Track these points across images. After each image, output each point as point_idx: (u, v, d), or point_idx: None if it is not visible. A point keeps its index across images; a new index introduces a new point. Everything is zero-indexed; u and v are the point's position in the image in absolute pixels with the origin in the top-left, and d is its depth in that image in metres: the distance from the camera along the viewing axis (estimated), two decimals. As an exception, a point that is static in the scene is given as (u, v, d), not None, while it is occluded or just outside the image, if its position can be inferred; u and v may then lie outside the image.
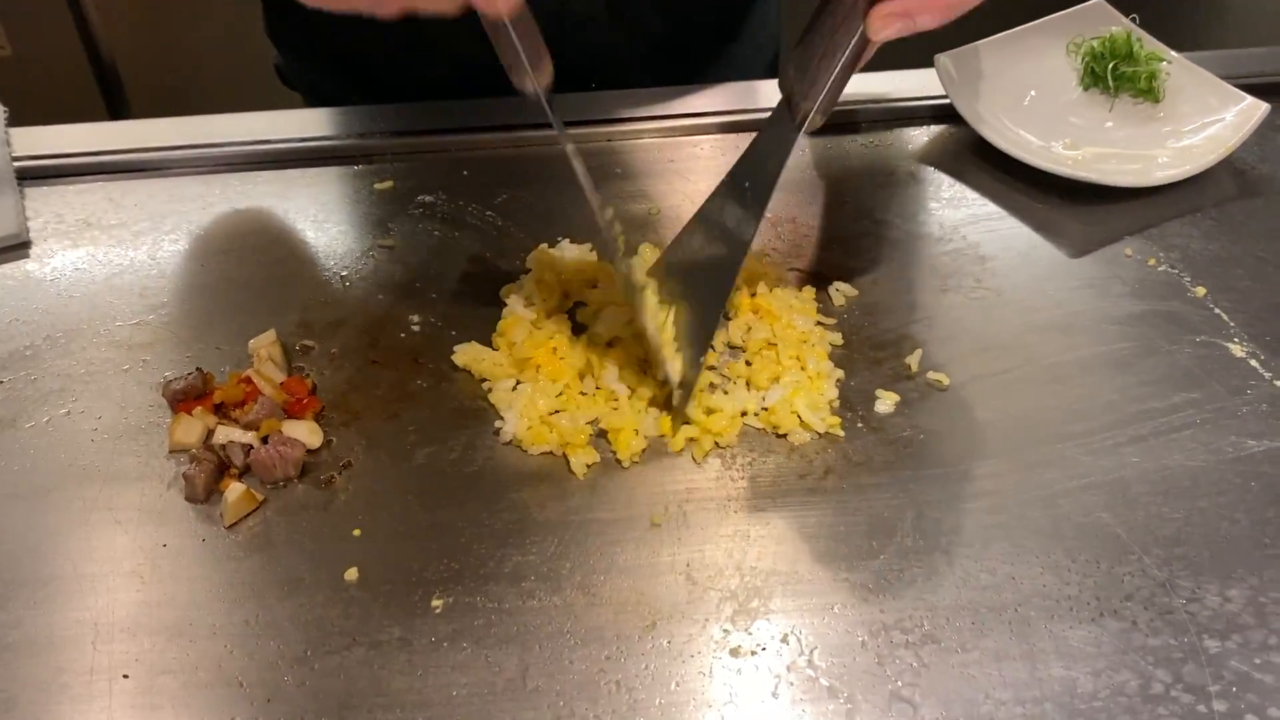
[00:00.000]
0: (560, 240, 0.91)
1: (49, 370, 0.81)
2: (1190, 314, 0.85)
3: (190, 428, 0.76)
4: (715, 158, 1.01)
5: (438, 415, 0.78)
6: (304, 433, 0.76)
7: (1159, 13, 1.11)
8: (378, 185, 0.98)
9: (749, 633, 0.65)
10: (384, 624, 0.66)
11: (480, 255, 0.91)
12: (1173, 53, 1.03)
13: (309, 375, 0.81)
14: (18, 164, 0.98)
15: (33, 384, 0.81)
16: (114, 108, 2.07)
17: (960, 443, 0.76)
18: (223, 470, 0.74)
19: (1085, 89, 1.04)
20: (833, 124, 1.03)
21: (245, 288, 0.88)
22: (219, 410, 0.78)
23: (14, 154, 0.99)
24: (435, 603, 0.67)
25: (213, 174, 0.99)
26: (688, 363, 0.77)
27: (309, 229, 0.94)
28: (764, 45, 1.24)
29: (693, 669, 0.64)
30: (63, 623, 0.66)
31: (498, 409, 0.78)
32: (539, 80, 0.73)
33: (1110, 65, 1.03)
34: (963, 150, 1.01)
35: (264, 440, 0.75)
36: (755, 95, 1.07)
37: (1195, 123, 0.99)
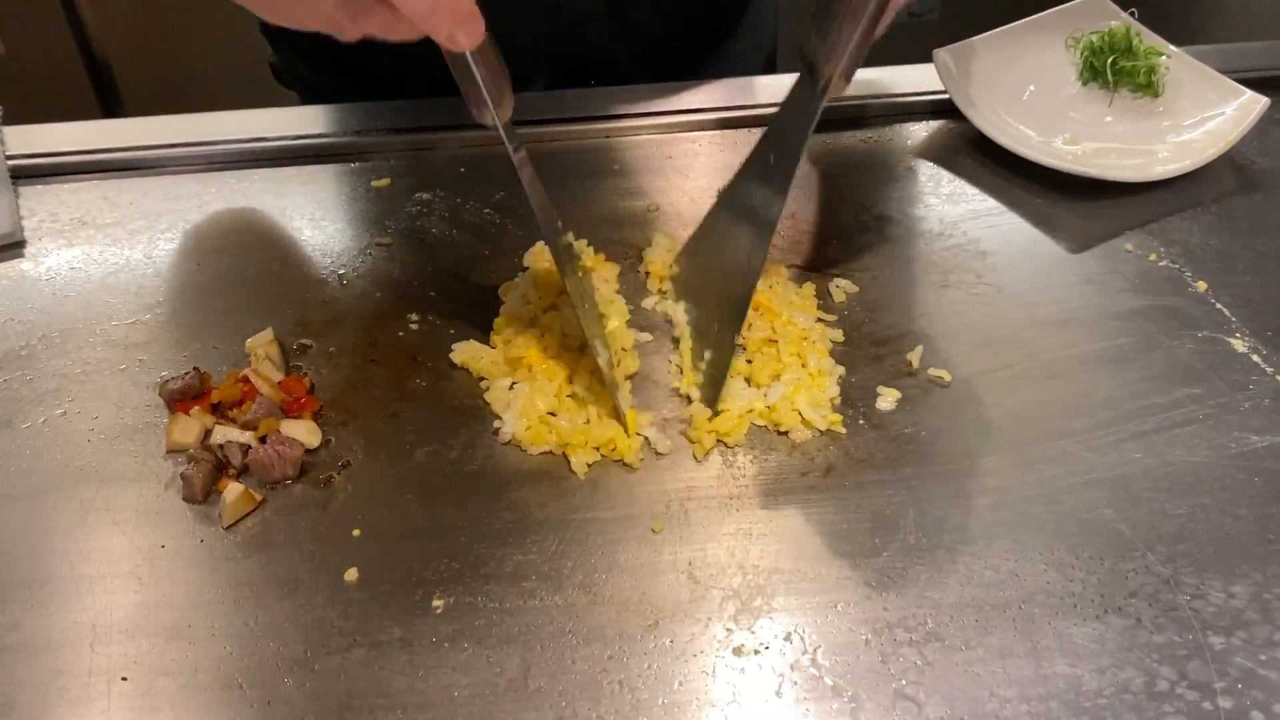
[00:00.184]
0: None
1: (45, 370, 0.81)
2: (1191, 309, 0.84)
3: (188, 428, 0.75)
4: (714, 154, 1.01)
5: (437, 414, 0.78)
6: (302, 432, 0.75)
7: (1157, 7, 1.11)
8: (375, 183, 0.98)
9: (752, 631, 0.65)
10: (384, 624, 0.65)
11: (478, 253, 0.91)
12: (1172, 47, 1.03)
13: (307, 374, 0.80)
14: (12, 162, 0.98)
15: (28, 384, 0.80)
16: (108, 107, 2.06)
17: (962, 439, 0.75)
18: (221, 470, 0.74)
19: (1084, 84, 1.04)
20: (832, 119, 1.04)
21: (242, 286, 0.88)
22: (216, 410, 0.77)
23: (8, 152, 0.98)
24: (436, 603, 0.66)
25: (208, 172, 0.99)
26: (721, 352, 0.77)
27: (306, 227, 0.93)
28: (762, 42, 1.24)
29: (696, 668, 0.63)
30: (60, 624, 0.66)
31: (495, 409, 0.78)
32: (500, 114, 0.73)
33: (1109, 60, 1.02)
34: (962, 145, 1.01)
35: (262, 440, 0.74)
36: (754, 91, 1.06)
37: (1195, 117, 0.99)
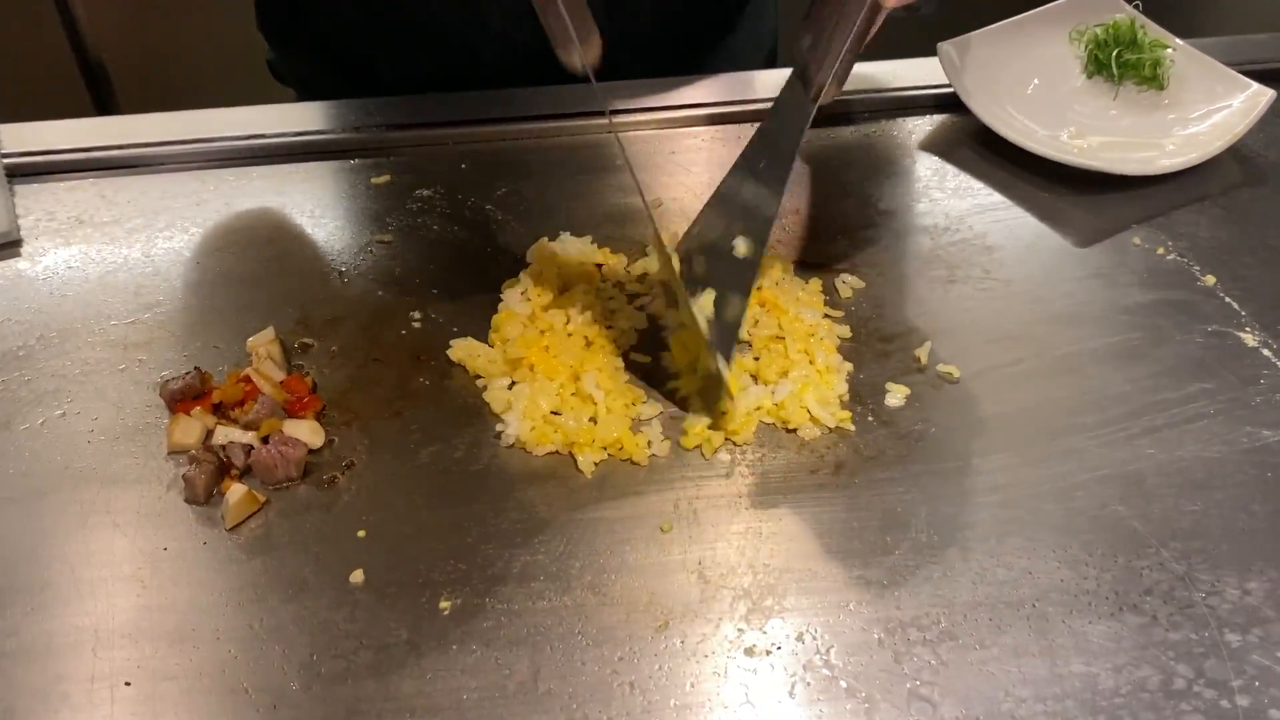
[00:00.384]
0: (561, 234, 0.89)
1: (43, 371, 0.80)
2: (1201, 303, 0.84)
3: (189, 428, 0.74)
4: (717, 149, 1.00)
5: (441, 413, 0.77)
6: (305, 432, 0.74)
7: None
8: (375, 180, 0.97)
9: (763, 632, 0.64)
10: (391, 627, 0.65)
11: (480, 250, 0.90)
12: (1177, 40, 1.02)
13: (309, 374, 0.79)
14: (7, 161, 0.96)
15: (26, 385, 0.79)
16: (101, 105, 2.05)
17: (972, 436, 0.75)
18: (223, 471, 0.73)
19: (1089, 77, 1.03)
20: (835, 114, 1.03)
21: (242, 285, 0.87)
22: (218, 410, 0.76)
23: (3, 150, 0.97)
24: (443, 604, 0.66)
25: (206, 169, 0.98)
26: (717, 357, 0.75)
27: (306, 224, 0.92)
28: (762, 38, 1.23)
29: (707, 669, 0.63)
30: (61, 629, 0.65)
31: (495, 409, 0.77)
32: (587, 55, 0.72)
33: (1114, 52, 1.02)
34: (966, 139, 1.00)
35: (265, 440, 0.73)
36: (756, 86, 1.06)
37: (1201, 110, 0.98)
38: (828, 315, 0.82)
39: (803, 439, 0.75)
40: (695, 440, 0.74)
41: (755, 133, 0.80)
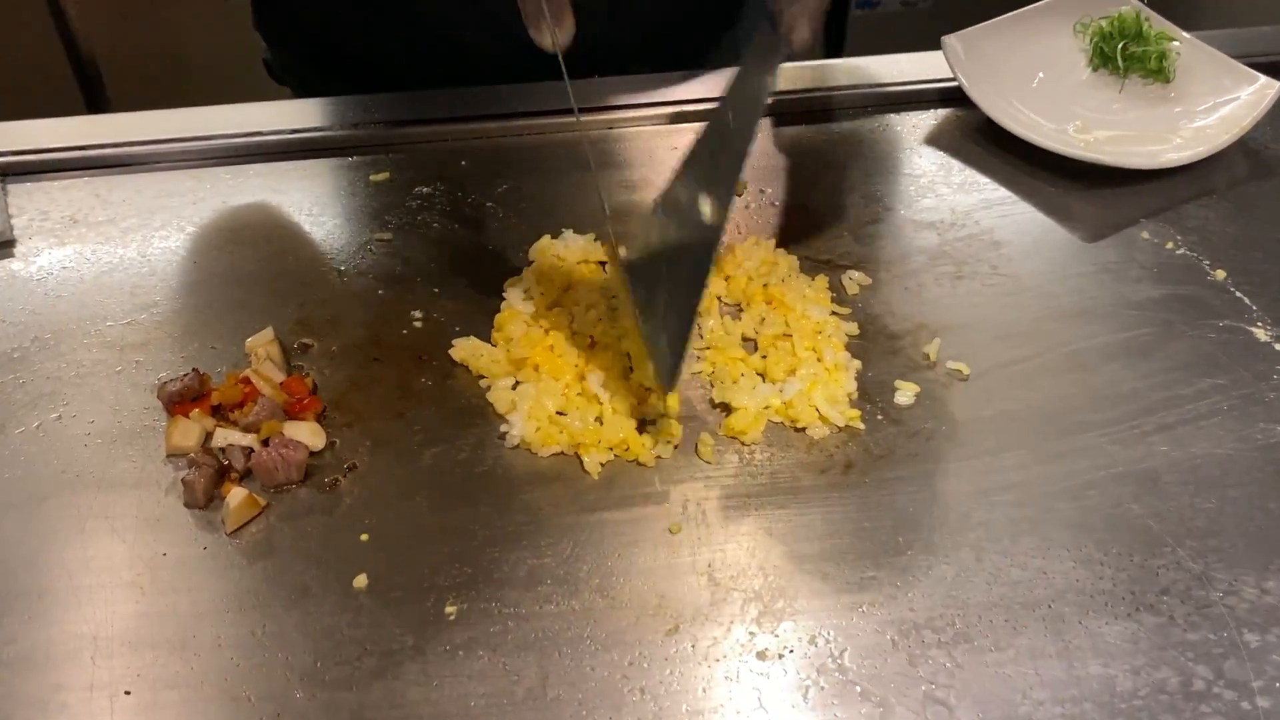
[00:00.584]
0: (564, 231, 0.88)
1: (38, 373, 0.79)
2: (1211, 298, 0.83)
3: (188, 431, 0.73)
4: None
5: (444, 413, 0.76)
6: (306, 434, 0.73)
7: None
8: (373, 177, 0.95)
9: (775, 634, 0.63)
10: (396, 632, 0.63)
11: (482, 248, 0.89)
12: (1182, 32, 1.01)
13: (309, 374, 0.78)
14: (0, 159, 0.95)
15: (21, 388, 0.78)
16: (93, 105, 2.03)
17: (983, 434, 0.74)
18: (223, 474, 0.71)
19: (1094, 70, 1.03)
20: (838, 107, 1.02)
21: (240, 285, 0.85)
22: (217, 412, 0.75)
23: (-5, 149, 0.96)
24: (449, 609, 0.64)
25: (203, 168, 0.96)
26: (681, 325, 0.73)
27: (304, 223, 0.91)
28: (763, 31, 1.22)
29: (719, 674, 0.61)
30: (60, 637, 0.64)
31: (499, 410, 0.75)
32: (559, 34, 0.70)
33: (1119, 45, 1.01)
34: (970, 134, 0.99)
35: (265, 443, 0.72)
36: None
37: (1208, 103, 0.98)
38: (835, 312, 0.81)
39: (812, 438, 0.73)
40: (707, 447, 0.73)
41: (724, 91, 0.78)
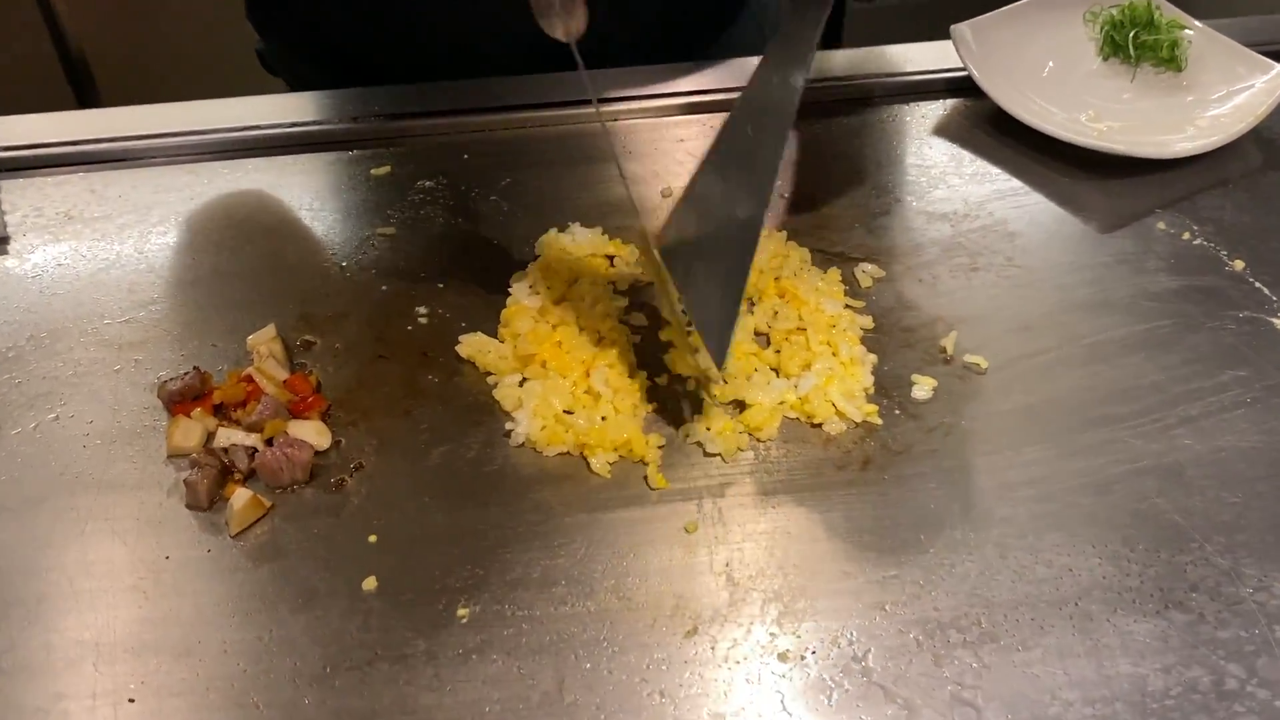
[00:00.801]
0: (571, 225, 0.86)
1: (34, 373, 0.77)
2: (1230, 289, 0.81)
3: (189, 431, 0.71)
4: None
5: (451, 411, 0.74)
6: (311, 433, 0.71)
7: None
8: (375, 171, 0.94)
9: (797, 635, 0.61)
10: (407, 636, 0.62)
11: (487, 242, 0.87)
12: (1194, 20, 1.00)
13: (313, 372, 0.76)
14: (-9, 155, 0.93)
15: (17, 388, 0.76)
16: (83, 100, 2.00)
17: (1003, 428, 0.72)
18: (226, 475, 0.70)
19: (1104, 59, 1.01)
20: (846, 98, 1.01)
21: (240, 281, 0.84)
22: (219, 411, 0.73)
23: (-12, 144, 0.94)
24: (461, 612, 0.63)
25: (199, 162, 0.94)
26: (729, 305, 0.71)
27: (305, 218, 0.89)
28: (765, 28, 1.21)
29: (739, 676, 0.60)
30: (60, 643, 0.62)
31: (505, 407, 0.74)
32: (571, 25, 0.68)
33: (1131, 34, 0.99)
34: (980, 124, 0.98)
35: (269, 442, 0.70)
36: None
37: (1221, 91, 0.96)
38: (848, 306, 0.80)
39: (828, 434, 0.72)
40: (724, 443, 0.71)
41: (752, 77, 0.76)
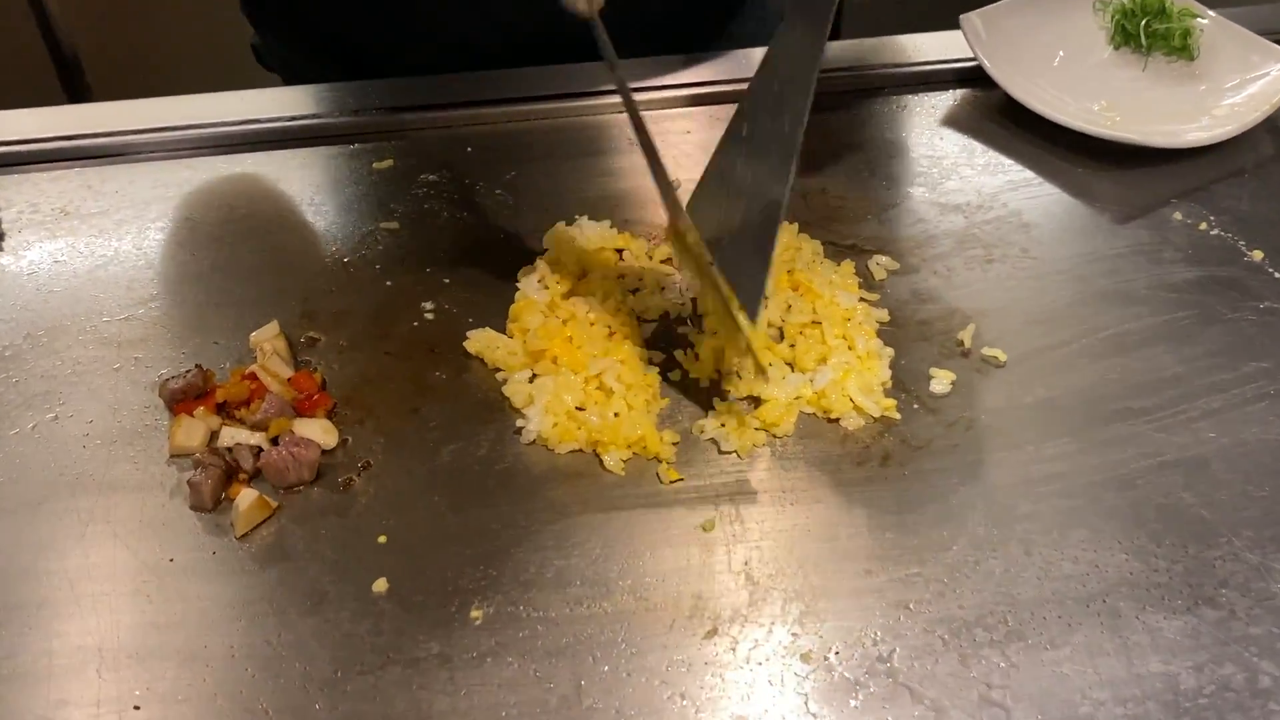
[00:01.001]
0: (578, 218, 0.85)
1: (32, 372, 0.75)
2: (1249, 279, 0.80)
3: (192, 430, 0.70)
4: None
5: (460, 408, 0.72)
6: (317, 432, 0.70)
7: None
8: (377, 164, 0.92)
9: (819, 635, 0.60)
10: (420, 639, 0.60)
11: (493, 236, 0.85)
12: (1206, 9, 0.99)
13: (317, 369, 0.75)
14: (-15, 150, 0.91)
15: (14, 387, 0.74)
16: (74, 94, 1.97)
17: (1024, 422, 0.71)
18: (231, 475, 0.68)
19: (1115, 48, 1.00)
20: (854, 89, 0.99)
21: (241, 277, 0.82)
22: (222, 410, 0.72)
23: (-19, 140, 0.92)
24: (474, 614, 0.61)
25: (198, 157, 0.93)
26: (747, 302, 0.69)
27: (306, 213, 0.88)
28: (767, 21, 1.19)
29: (761, 677, 0.58)
30: (63, 649, 0.60)
31: (516, 404, 0.72)
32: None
33: (1142, 22, 0.98)
34: (990, 114, 0.97)
35: (274, 441, 0.69)
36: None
37: (1235, 80, 0.95)
38: (863, 299, 0.78)
39: (846, 429, 0.71)
40: (740, 440, 0.70)
41: (762, 62, 0.75)
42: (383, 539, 0.65)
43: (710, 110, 0.98)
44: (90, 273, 0.82)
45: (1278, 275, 0.80)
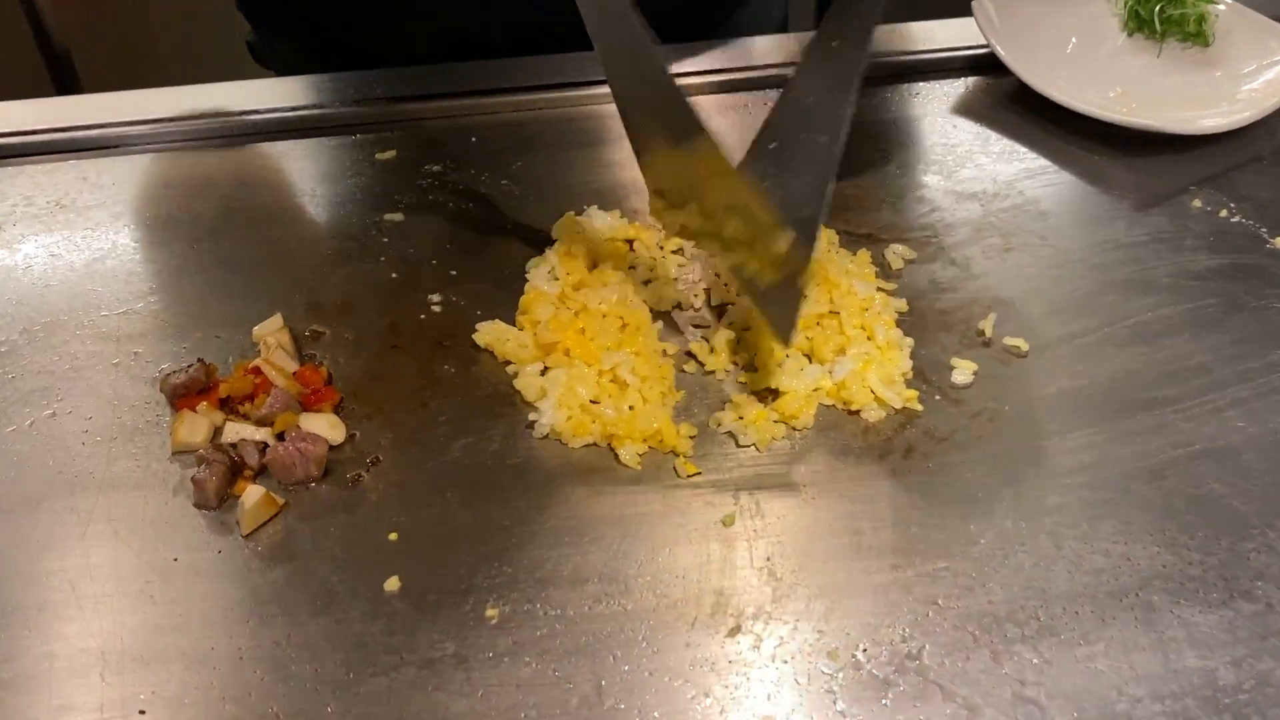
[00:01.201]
0: (587, 207, 0.83)
1: (29, 368, 0.73)
2: (1273, 266, 0.79)
3: (195, 426, 0.68)
4: (744, 115, 0.94)
5: (470, 402, 0.71)
6: (324, 427, 0.68)
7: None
8: (379, 155, 0.90)
9: (846, 632, 0.58)
10: (434, 639, 0.58)
11: (500, 227, 0.83)
12: (1221, -6, 0.98)
13: (323, 364, 0.73)
14: (-22, 142, 0.89)
15: (11, 383, 0.72)
16: (63, 89, 1.95)
17: (1048, 412, 0.69)
18: (236, 472, 0.66)
19: (1129, 34, 0.99)
20: (866, 76, 0.97)
21: (243, 270, 0.80)
22: (225, 405, 0.70)
23: (-27, 131, 0.90)
24: (490, 612, 0.59)
25: (196, 149, 0.91)
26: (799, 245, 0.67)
27: (308, 204, 0.86)
28: (772, 10, 1.18)
29: (788, 676, 0.57)
30: (65, 652, 0.58)
31: (527, 397, 0.70)
32: None
33: (1156, 8, 0.97)
34: (1004, 101, 0.95)
35: (280, 437, 0.67)
36: (777, 50, 1.00)
37: (1251, 66, 0.94)
38: (880, 288, 0.77)
39: (867, 421, 0.69)
40: (758, 433, 0.68)
41: (812, 39, 0.75)
42: (393, 536, 0.63)
43: (716, 99, 0.96)
44: (87, 266, 0.80)
45: (1302, 263, 0.79)
